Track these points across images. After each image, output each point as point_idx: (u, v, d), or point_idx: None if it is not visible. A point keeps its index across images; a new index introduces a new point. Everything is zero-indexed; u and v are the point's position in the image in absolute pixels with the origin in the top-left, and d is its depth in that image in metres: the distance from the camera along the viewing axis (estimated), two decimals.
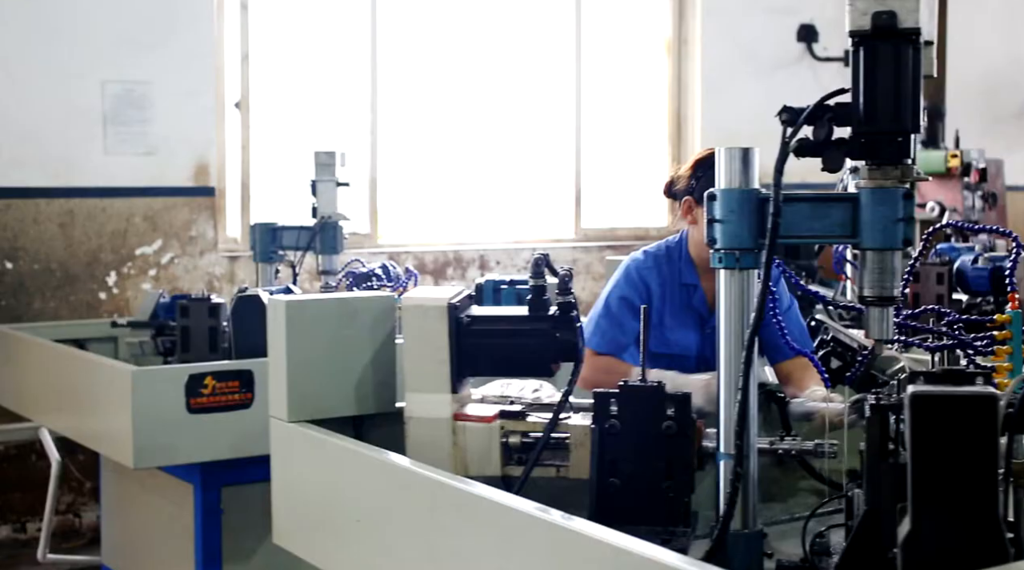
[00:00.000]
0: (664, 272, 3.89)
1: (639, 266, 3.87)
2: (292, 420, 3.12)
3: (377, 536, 2.82)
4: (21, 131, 6.30)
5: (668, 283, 3.89)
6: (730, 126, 8.76)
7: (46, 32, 6.35)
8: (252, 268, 6.79)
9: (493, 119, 8.09)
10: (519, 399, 3.25)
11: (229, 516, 4.62)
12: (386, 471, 2.77)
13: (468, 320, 3.11)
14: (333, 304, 3.21)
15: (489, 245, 7.90)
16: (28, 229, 6.35)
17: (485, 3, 8.02)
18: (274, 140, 7.25)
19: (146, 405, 4.15)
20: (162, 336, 5.22)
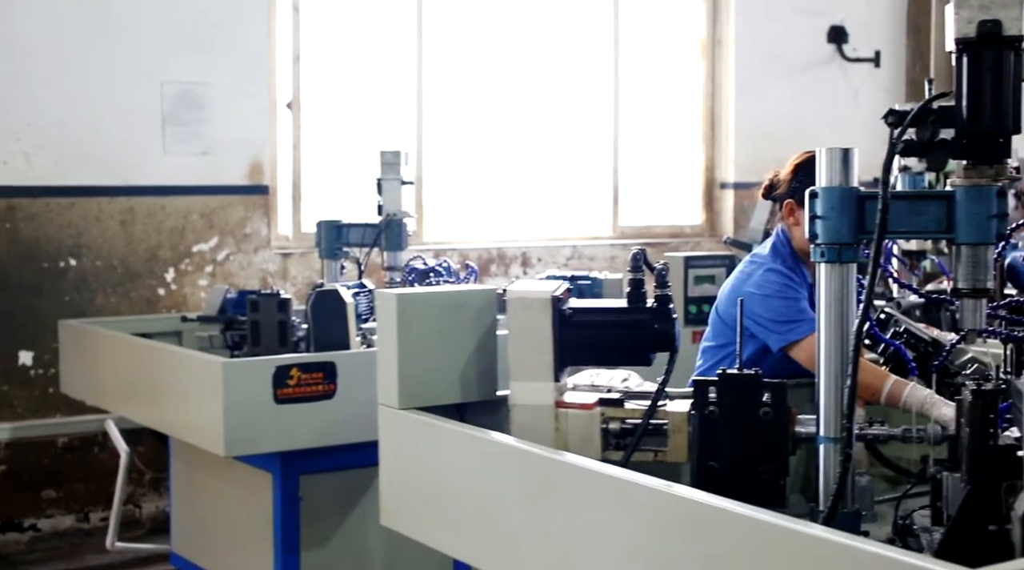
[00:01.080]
0: (796, 275, 3.98)
1: (779, 271, 3.91)
2: (402, 407, 3.27)
3: (491, 515, 2.98)
4: (84, 132, 6.46)
5: (799, 284, 3.99)
6: (762, 125, 8.93)
7: (108, 36, 6.51)
8: (304, 265, 7.00)
9: (534, 119, 8.25)
10: (613, 388, 3.41)
11: (307, 503, 4.79)
12: (505, 453, 2.93)
13: (570, 312, 3.27)
14: (440, 297, 3.37)
15: (530, 242, 8.06)
16: (91, 227, 6.51)
17: (527, 5, 8.17)
18: (323, 139, 7.40)
19: (236, 396, 4.31)
20: (230, 330, 5.39)
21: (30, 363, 6.39)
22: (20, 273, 6.35)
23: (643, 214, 8.74)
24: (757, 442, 3.01)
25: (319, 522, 4.83)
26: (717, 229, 9.00)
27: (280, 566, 4.75)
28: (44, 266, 6.40)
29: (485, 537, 3.01)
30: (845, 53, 9.28)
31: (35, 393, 6.41)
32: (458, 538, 3.12)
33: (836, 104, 9.27)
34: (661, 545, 2.49)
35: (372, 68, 7.60)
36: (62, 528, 6.52)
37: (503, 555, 2.96)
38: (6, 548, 6.35)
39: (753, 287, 3.83)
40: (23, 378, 6.38)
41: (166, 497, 6.68)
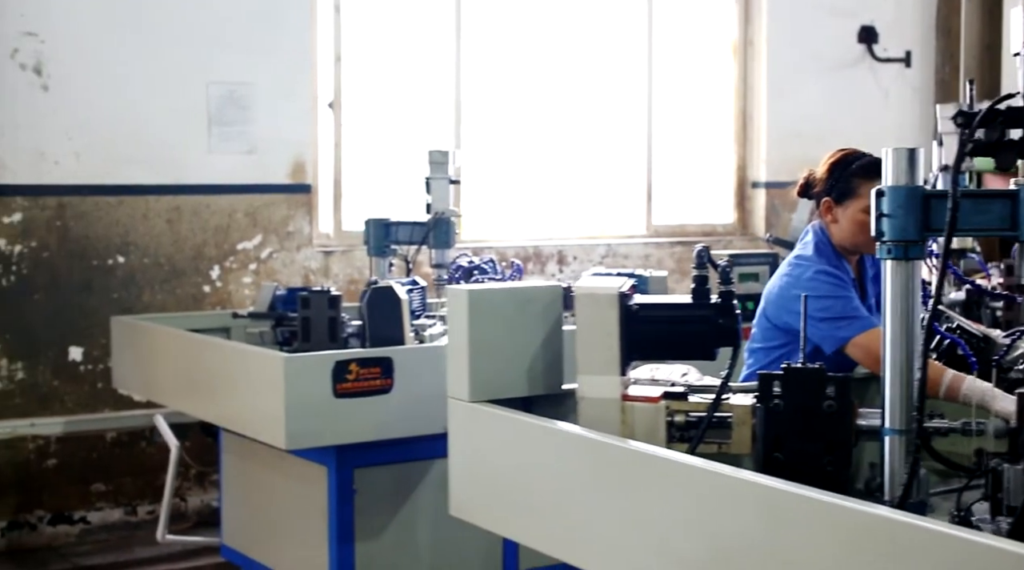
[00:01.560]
0: (841, 270, 4.06)
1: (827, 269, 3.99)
2: (473, 400, 3.37)
3: (564, 504, 3.07)
4: (132, 131, 6.57)
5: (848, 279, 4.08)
6: (794, 125, 9.01)
7: (155, 37, 6.62)
8: (345, 262, 7.10)
9: (569, 119, 8.34)
10: (676, 381, 3.50)
11: (361, 496, 4.89)
12: (580, 444, 3.02)
13: (636, 308, 3.36)
14: (509, 293, 3.47)
15: (566, 241, 8.15)
16: (138, 225, 6.62)
17: (563, 7, 8.26)
18: (363, 138, 7.50)
19: (297, 390, 4.42)
20: (281, 326, 5.49)
21: (80, 359, 6.50)
22: (70, 271, 6.46)
23: (676, 213, 8.83)
24: (821, 434, 3.10)
25: (373, 515, 4.93)
26: (749, 228, 9.08)
27: (335, 558, 4.85)
28: (93, 264, 6.52)
29: (558, 526, 3.10)
30: (875, 53, 9.35)
31: (84, 388, 6.52)
32: (531, 527, 3.21)
33: (866, 104, 9.34)
34: (741, 532, 2.57)
35: (411, 68, 7.70)
36: (111, 521, 6.63)
37: (576, 543, 3.05)
38: (57, 540, 6.47)
39: (805, 289, 3.89)
40: (73, 374, 6.49)
41: (212, 491, 6.82)
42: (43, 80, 6.34)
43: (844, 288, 3.94)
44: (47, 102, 6.35)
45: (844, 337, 3.83)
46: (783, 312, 4.05)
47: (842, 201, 4.02)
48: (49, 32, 6.33)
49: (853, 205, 3.99)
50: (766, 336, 4.13)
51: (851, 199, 4.00)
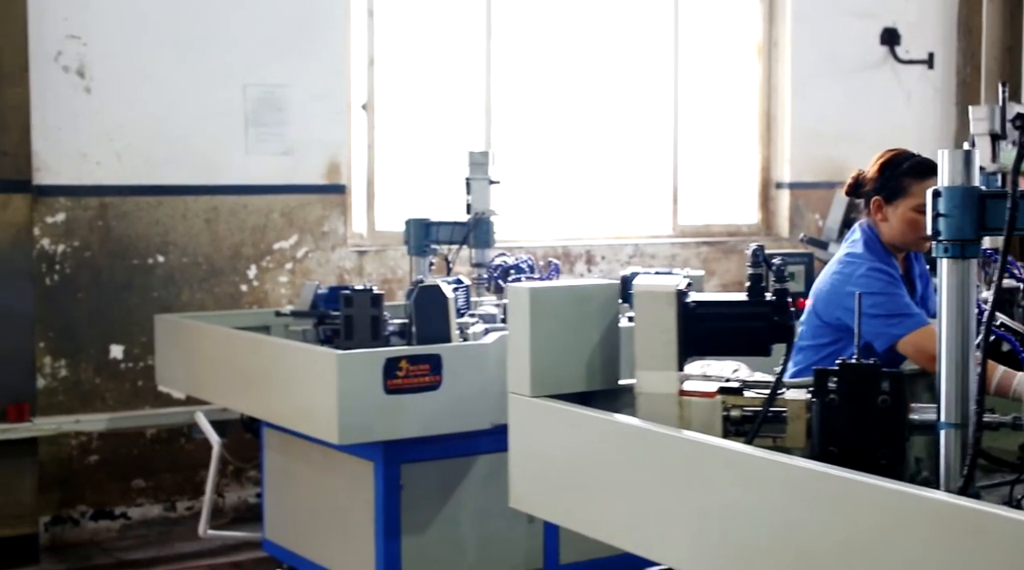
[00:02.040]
0: (891, 267, 4.16)
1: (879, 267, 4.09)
2: (534, 395, 3.46)
3: (627, 495, 3.16)
4: (171, 132, 6.67)
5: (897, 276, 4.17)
6: (817, 126, 9.10)
7: (194, 40, 6.72)
8: (378, 262, 7.20)
9: (596, 120, 8.43)
10: (729, 377, 3.60)
11: (407, 492, 4.98)
12: (644, 437, 3.11)
13: (694, 305, 3.45)
14: (568, 291, 3.56)
15: (594, 241, 8.24)
16: (177, 225, 6.72)
17: (590, 10, 8.35)
18: (396, 139, 7.59)
19: (349, 386, 4.52)
20: (323, 325, 5.59)
21: (121, 357, 6.60)
22: (111, 269, 6.56)
23: (701, 213, 8.91)
24: (875, 429, 3.19)
25: (418, 510, 5.02)
26: (773, 228, 9.16)
27: (382, 552, 4.95)
28: (134, 263, 6.62)
29: (622, 516, 3.19)
30: (898, 55, 9.43)
31: (125, 386, 6.62)
32: (593, 517, 3.30)
33: (889, 105, 9.42)
34: (806, 520, 2.66)
35: (442, 70, 7.79)
36: (150, 516, 6.73)
37: (640, 532, 3.15)
38: (99, 535, 6.57)
39: (857, 286, 3.97)
40: (114, 371, 6.59)
41: (249, 487, 6.92)
42: (85, 82, 6.44)
43: (895, 285, 4.03)
44: (89, 104, 6.46)
45: (896, 334, 3.92)
46: (835, 308, 4.13)
47: (892, 200, 4.13)
48: (91, 35, 6.43)
49: (904, 204, 4.11)
50: (815, 333, 4.22)
51: (902, 198, 4.12)
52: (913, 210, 4.06)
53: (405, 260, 7.32)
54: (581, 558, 5.44)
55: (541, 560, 5.34)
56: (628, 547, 3.22)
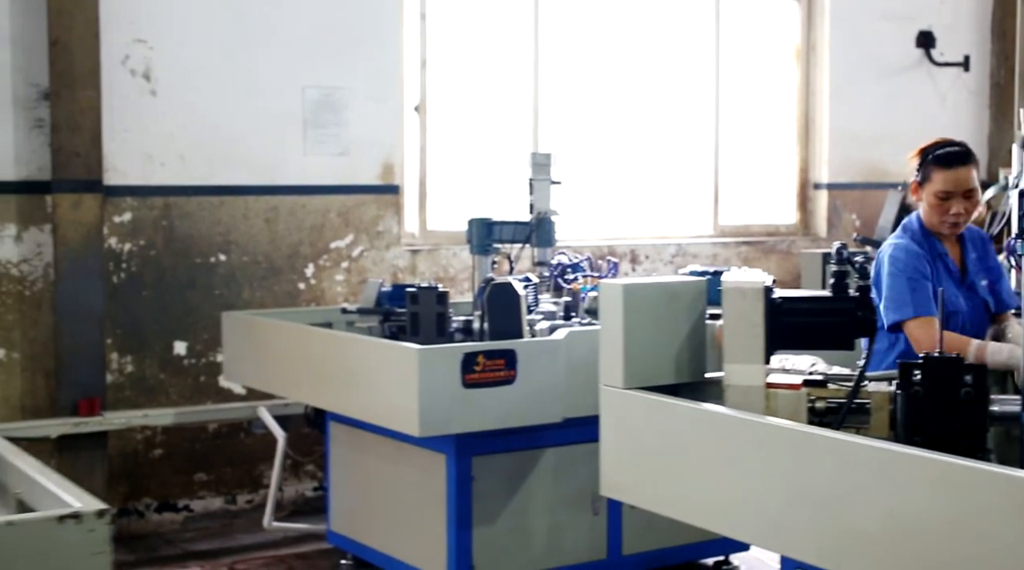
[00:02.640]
0: (924, 249, 4.35)
1: (906, 247, 4.31)
2: (627, 387, 3.61)
3: (723, 482, 3.31)
4: (233, 134, 6.83)
5: (930, 256, 4.35)
6: (854, 128, 9.24)
7: (254, 44, 6.87)
8: (431, 261, 7.35)
9: (640, 122, 8.57)
10: (813, 370, 3.74)
11: (479, 483, 5.13)
12: (739, 425, 3.26)
13: (780, 301, 3.60)
14: (659, 287, 3.71)
15: (638, 240, 8.38)
16: (238, 224, 6.87)
17: (634, 15, 8.49)
18: (447, 140, 7.75)
19: (429, 380, 4.67)
20: (388, 321, 5.74)
21: (184, 353, 6.75)
22: (175, 268, 6.72)
23: (741, 213, 9.05)
24: (958, 419, 3.33)
25: (489, 501, 5.17)
26: (811, 228, 9.30)
27: (454, 542, 5.10)
28: (196, 261, 6.77)
29: (718, 501, 3.34)
30: (933, 58, 9.55)
31: (188, 381, 6.78)
32: (688, 503, 3.45)
33: (924, 107, 9.55)
34: (912, 504, 2.80)
35: (491, 72, 7.94)
36: (212, 509, 6.89)
37: (734, 516, 3.29)
38: (163, 527, 6.73)
39: (879, 263, 4.24)
40: (178, 367, 6.75)
41: (306, 481, 7.07)
42: (151, 85, 6.59)
43: (909, 270, 4.22)
44: (154, 106, 6.61)
45: (892, 319, 4.13)
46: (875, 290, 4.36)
47: (923, 184, 4.39)
48: (157, 39, 6.59)
49: (928, 188, 4.39)
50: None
51: (928, 183, 4.39)
52: (934, 195, 4.34)
53: (456, 259, 7.50)
54: (643, 549, 5.60)
55: (605, 550, 5.49)
56: (723, 530, 3.37)
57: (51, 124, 6.21)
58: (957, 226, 4.35)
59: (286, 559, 6.22)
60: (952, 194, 4.30)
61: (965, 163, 4.31)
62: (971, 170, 4.31)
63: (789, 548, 3.12)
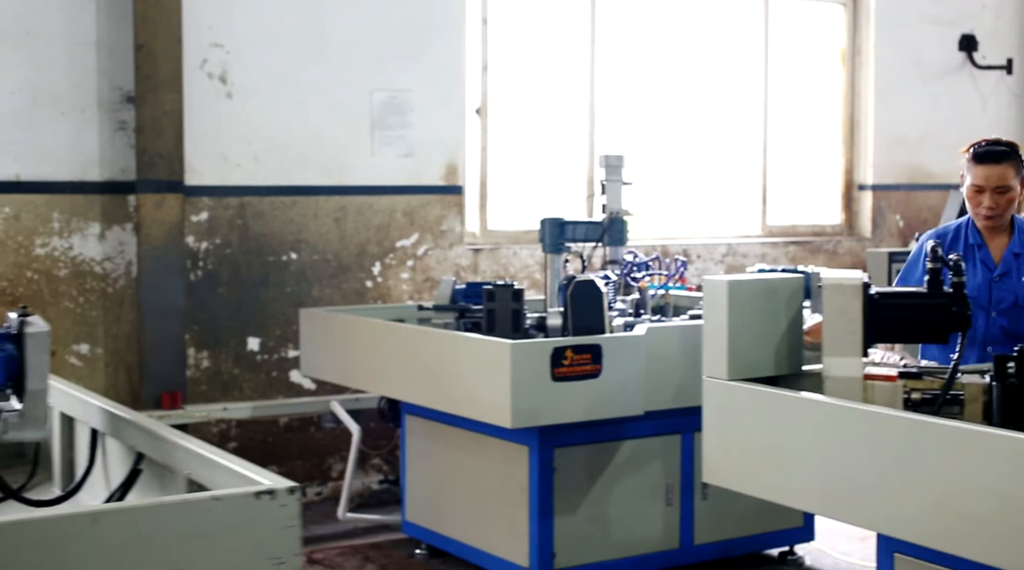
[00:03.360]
0: (948, 240, 4.73)
1: (933, 235, 4.79)
2: (731, 378, 3.79)
3: (828, 468, 3.48)
4: (304, 136, 7.02)
5: (953, 247, 4.68)
6: (898, 130, 9.41)
7: (326, 50, 7.06)
8: (492, 260, 7.54)
9: (691, 125, 8.75)
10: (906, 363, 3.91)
11: (560, 474, 5.31)
12: (849, 415, 3.44)
13: (878, 296, 3.77)
14: (760, 283, 3.88)
15: (690, 240, 8.55)
16: (309, 223, 7.06)
17: (684, 19, 8.67)
18: (507, 141, 7.93)
19: (521, 373, 4.85)
20: (464, 318, 5.92)
21: (257, 349, 6.94)
22: (249, 266, 6.91)
23: (788, 214, 9.22)
24: None
25: (569, 491, 5.35)
26: (856, 229, 9.46)
27: (536, 531, 5.28)
28: (269, 260, 6.96)
29: (828, 488, 3.50)
30: (975, 61, 9.71)
31: (261, 377, 6.97)
32: (795, 489, 3.62)
33: (967, 110, 9.70)
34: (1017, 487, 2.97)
35: (549, 76, 8.12)
36: None
37: (841, 501, 3.46)
38: None
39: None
40: (251, 363, 6.94)
41: (372, 474, 7.26)
42: (227, 88, 6.79)
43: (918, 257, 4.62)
44: (230, 109, 6.81)
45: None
46: None
47: (965, 178, 4.64)
48: (233, 43, 6.78)
49: (966, 183, 4.70)
50: None
51: (966, 178, 4.70)
52: (969, 189, 4.67)
53: (516, 258, 7.69)
54: (712, 539, 5.78)
55: (677, 540, 5.67)
56: (828, 513, 3.55)
57: (136, 126, 6.41)
58: (991, 219, 4.64)
59: (361, 549, 6.40)
60: (983, 189, 4.60)
61: (998, 161, 4.58)
62: (1005, 167, 4.59)
63: (900, 530, 3.29)
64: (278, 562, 2.47)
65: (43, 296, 6.38)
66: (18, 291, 6.33)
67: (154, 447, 3.09)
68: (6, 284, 6.32)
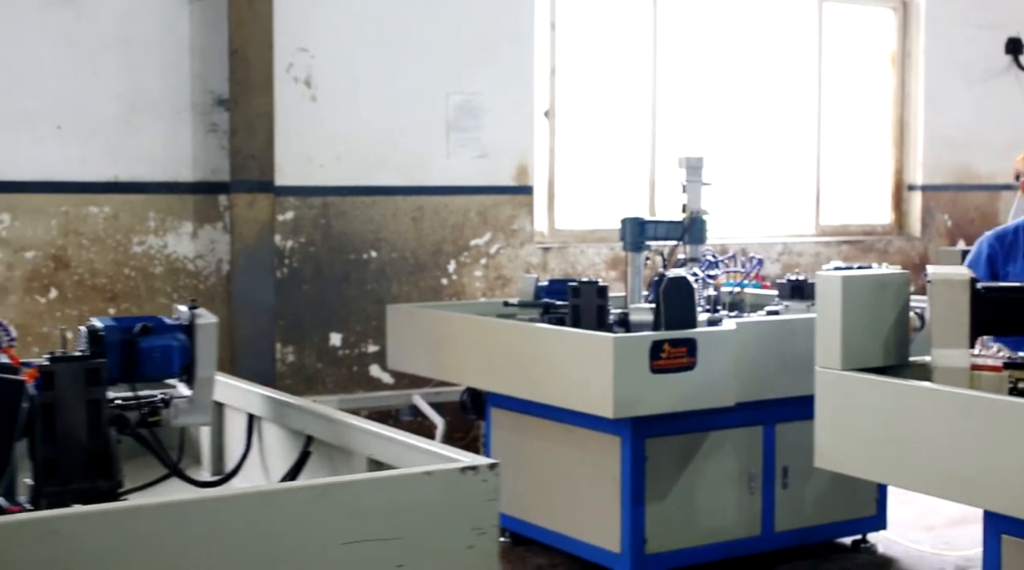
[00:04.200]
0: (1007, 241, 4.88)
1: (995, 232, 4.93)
2: (844, 368, 4.00)
3: (941, 453, 3.70)
4: (384, 138, 7.26)
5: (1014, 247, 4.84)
6: (946, 132, 9.62)
7: (402, 53, 7.30)
8: (560, 258, 7.75)
9: (747, 126, 8.97)
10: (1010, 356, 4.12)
11: (651, 464, 5.52)
12: (956, 402, 3.65)
13: (984, 290, 3.98)
14: (871, 278, 4.10)
15: (748, 239, 8.77)
16: (388, 223, 7.30)
17: (741, 23, 8.90)
18: (573, 143, 8.16)
19: (623, 366, 5.06)
20: (548, 314, 6.13)
21: (339, 344, 7.17)
22: (331, 264, 7.14)
23: (840, 214, 9.44)
24: None
25: (659, 480, 5.56)
26: (905, 228, 9.67)
27: (628, 519, 5.48)
28: (351, 258, 7.19)
29: (936, 470, 3.72)
30: (1021, 63, 9.92)
31: (342, 371, 7.20)
32: (907, 472, 3.83)
33: (1013, 111, 9.91)
34: None
35: (613, 79, 8.35)
36: None
37: (949, 482, 3.68)
38: None
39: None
40: (333, 357, 7.17)
41: None
42: (312, 91, 7.02)
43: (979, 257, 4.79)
44: (315, 112, 7.04)
45: None
46: None
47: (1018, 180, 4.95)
48: (318, 48, 7.02)
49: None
50: None
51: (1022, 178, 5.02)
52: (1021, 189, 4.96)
53: (583, 256, 7.91)
54: (790, 527, 5.98)
55: (759, 527, 5.87)
56: (945, 495, 3.75)
57: (230, 128, 6.64)
58: None
59: None
60: None
61: None
62: None
63: (1012, 509, 3.51)
64: (479, 532, 2.68)
65: (139, 292, 6.62)
66: (116, 287, 6.57)
67: (328, 430, 3.30)
68: (106, 281, 6.56)
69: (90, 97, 6.53)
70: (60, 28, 6.44)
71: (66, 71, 6.47)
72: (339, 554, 2.50)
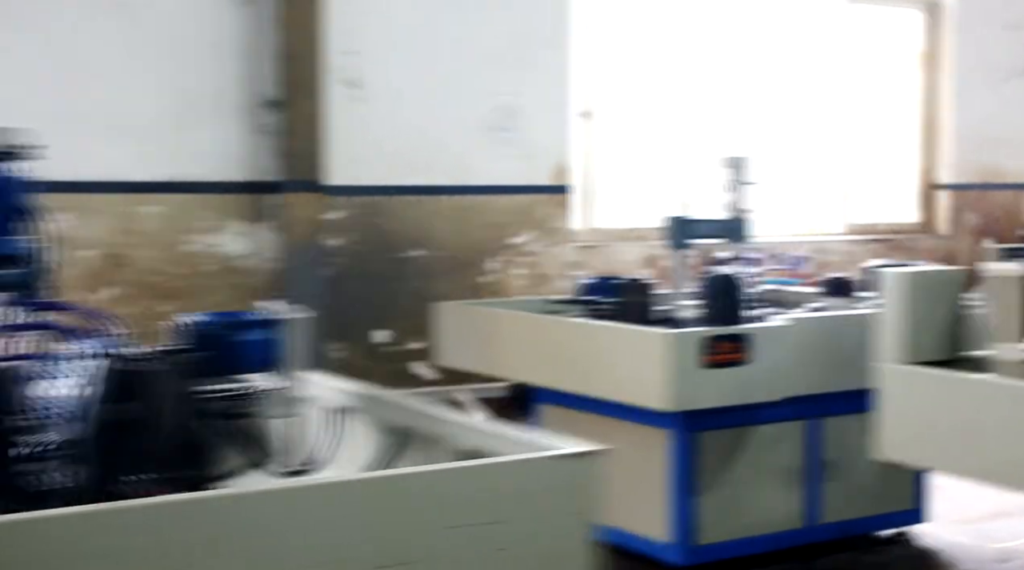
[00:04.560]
0: None
1: None
2: (906, 362, 4.13)
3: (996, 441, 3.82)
4: (429, 139, 7.39)
5: None
6: (973, 131, 9.73)
7: (448, 57, 7.45)
8: (596, 256, 7.88)
9: (777, 125, 9.10)
10: None
11: (699, 457, 5.64)
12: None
13: None
14: (932, 276, 4.24)
15: (778, 238, 8.87)
16: (433, 221, 7.43)
17: (770, 25, 9.03)
18: (610, 144, 8.29)
19: (676, 361, 5.18)
20: (593, 310, 6.24)
21: (384, 341, 7.30)
22: (377, 262, 7.27)
23: (868, 212, 9.56)
24: None
25: (707, 472, 5.67)
26: (932, 226, 9.79)
27: (676, 511, 5.59)
28: (396, 256, 7.32)
29: (998, 459, 3.85)
30: None
31: (387, 367, 7.33)
32: (970, 461, 3.96)
33: None
34: None
35: (647, 81, 8.48)
36: None
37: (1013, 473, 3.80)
38: None
39: None
40: (378, 354, 7.30)
41: None
42: (360, 93, 7.15)
43: None
44: (362, 113, 7.17)
45: None
46: None
47: None
48: (366, 51, 7.15)
49: None
50: None
51: None
52: None
53: (621, 254, 8.04)
54: (833, 519, 6.10)
55: (802, 520, 5.98)
56: (1009, 485, 3.88)
57: (283, 130, 6.77)
58: None
59: None
60: None
61: None
62: None
63: None
64: (579, 517, 2.82)
65: (192, 290, 6.76)
66: (170, 284, 6.70)
67: (422, 421, 3.44)
68: (160, 278, 6.70)
69: (142, 99, 6.67)
70: (114, 32, 6.57)
71: (119, 74, 6.61)
72: (443, 538, 2.63)
